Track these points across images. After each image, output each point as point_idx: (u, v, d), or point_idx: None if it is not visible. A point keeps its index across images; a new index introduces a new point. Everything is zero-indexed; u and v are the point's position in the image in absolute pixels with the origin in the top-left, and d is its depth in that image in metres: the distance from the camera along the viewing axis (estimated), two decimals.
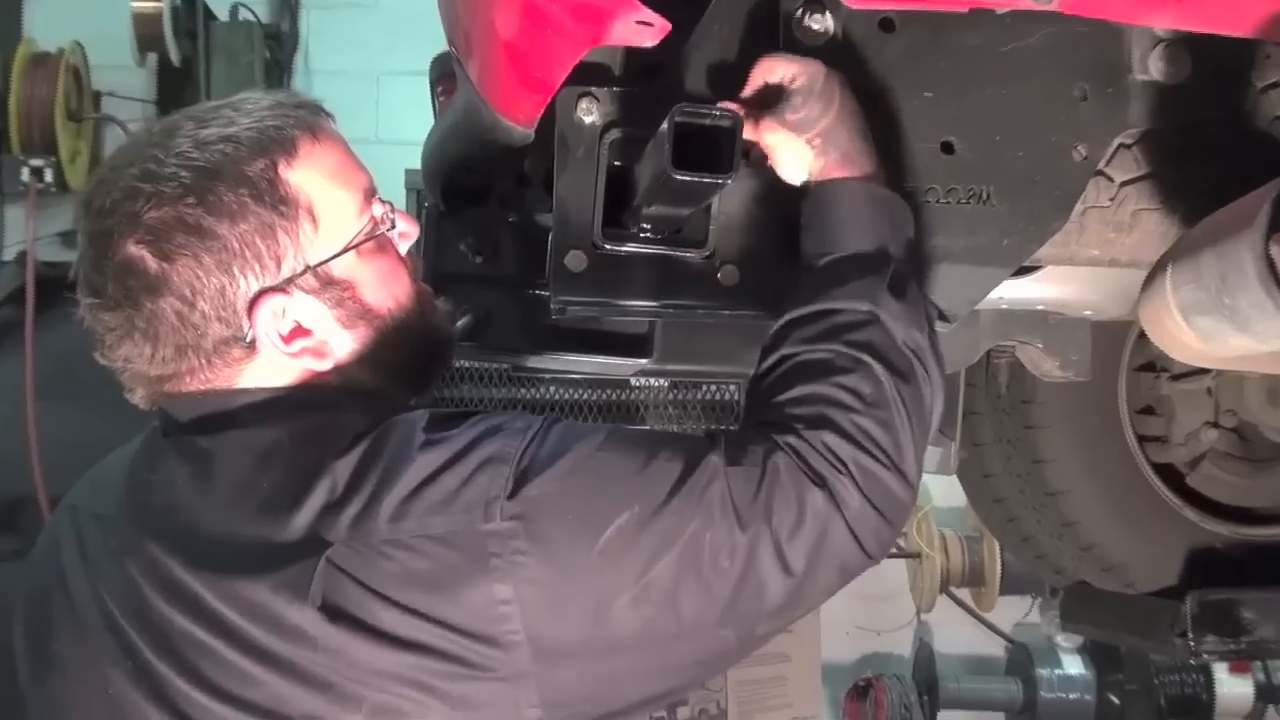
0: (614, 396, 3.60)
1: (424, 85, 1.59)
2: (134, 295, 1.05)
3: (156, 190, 1.04)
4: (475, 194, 1.45)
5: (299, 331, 1.08)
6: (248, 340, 1.06)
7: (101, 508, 1.13)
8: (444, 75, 1.56)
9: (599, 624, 0.97)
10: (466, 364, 3.52)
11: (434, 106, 1.62)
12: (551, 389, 3.60)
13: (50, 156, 4.39)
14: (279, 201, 1.06)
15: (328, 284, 1.08)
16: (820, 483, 0.99)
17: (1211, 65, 1.22)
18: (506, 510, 0.96)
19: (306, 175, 1.08)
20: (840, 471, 1.00)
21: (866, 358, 1.04)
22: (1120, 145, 1.26)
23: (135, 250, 1.04)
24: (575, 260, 1.16)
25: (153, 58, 4.66)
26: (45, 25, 4.55)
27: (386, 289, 1.12)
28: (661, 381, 3.66)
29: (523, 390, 3.58)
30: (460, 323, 1.45)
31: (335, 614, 0.96)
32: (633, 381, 3.67)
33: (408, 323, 1.14)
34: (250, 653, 0.98)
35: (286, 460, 1.03)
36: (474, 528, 0.96)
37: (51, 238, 4.69)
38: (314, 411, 1.07)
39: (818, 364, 1.04)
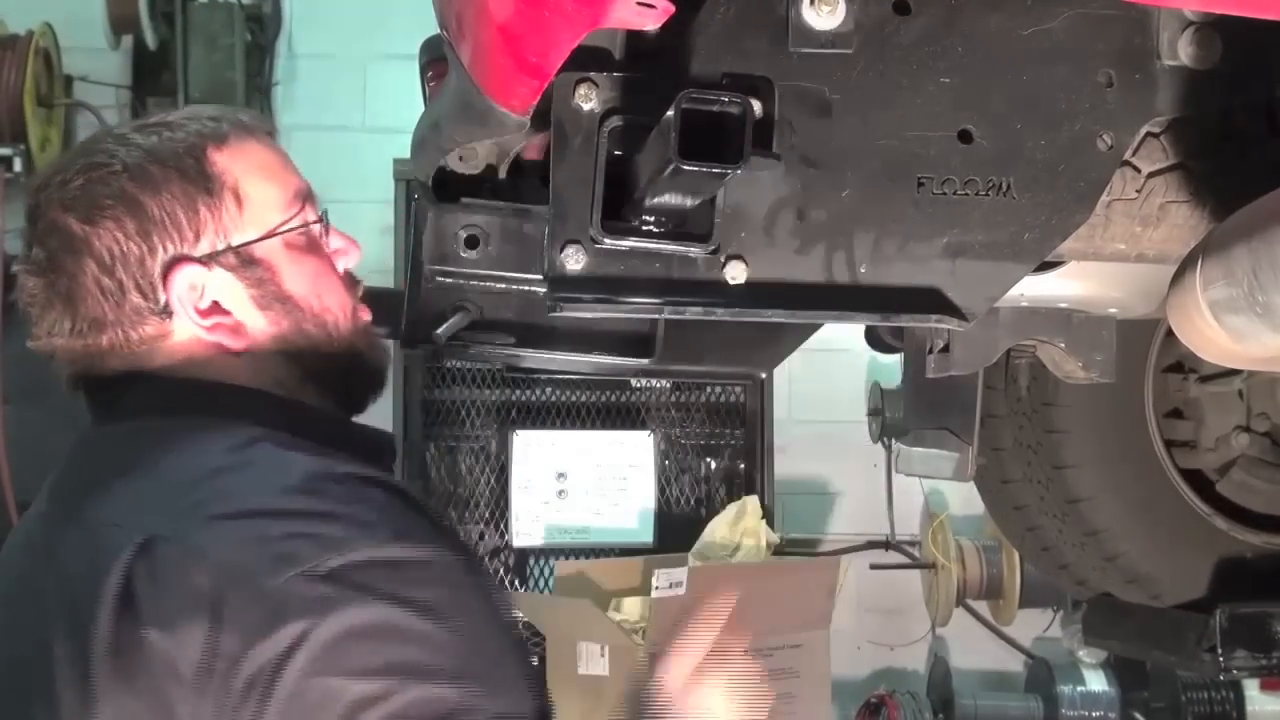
0: (614, 398, 3.61)
1: (414, 70, 1.58)
2: (56, 258, 1.13)
3: (90, 164, 1.14)
4: (467, 184, 1.45)
5: (215, 309, 1.14)
6: (161, 308, 1.12)
7: (40, 504, 1.18)
8: (435, 60, 1.55)
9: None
10: (458, 364, 3.53)
11: (424, 93, 1.62)
12: (548, 390, 3.61)
13: (19, 144, 4.38)
14: (204, 179, 1.14)
15: (248, 263, 1.15)
16: None
17: (1243, 50, 1.21)
18: (346, 565, 1.00)
19: (235, 162, 1.17)
20: None
21: None
22: (1147, 134, 1.26)
23: (61, 216, 1.13)
24: (572, 255, 1.16)
25: (127, 40, 4.66)
26: (14, 6, 4.55)
27: (310, 286, 1.19)
28: (663, 382, 3.66)
29: (518, 391, 3.59)
30: (451, 320, 1.45)
31: None
32: (633, 382, 3.67)
33: (334, 329, 1.20)
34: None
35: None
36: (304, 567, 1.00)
37: (21, 230, 4.69)
38: (201, 413, 1.12)
39: None
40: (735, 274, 1.18)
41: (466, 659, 0.99)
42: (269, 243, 1.17)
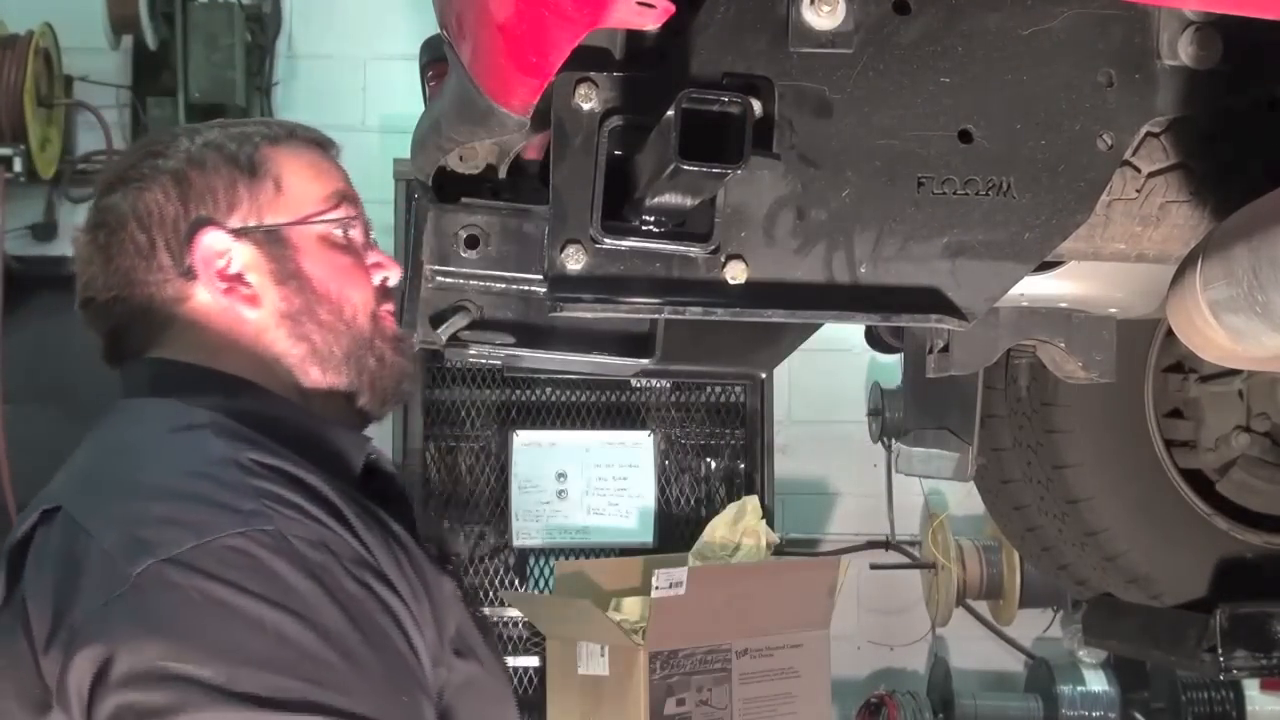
0: (614, 398, 3.61)
1: (414, 70, 1.58)
2: (102, 216, 1.22)
3: (151, 150, 1.24)
4: (467, 184, 1.45)
5: (235, 278, 1.19)
6: (185, 269, 1.18)
7: None
8: (435, 59, 1.56)
9: None
10: (458, 364, 3.53)
11: (424, 92, 1.62)
12: (548, 390, 3.61)
13: (19, 144, 4.39)
14: (250, 165, 1.22)
15: (275, 241, 1.21)
16: None
17: (1243, 50, 1.21)
18: (149, 569, 1.00)
19: (284, 157, 1.25)
20: None
21: None
22: (1148, 134, 1.26)
23: (117, 183, 1.22)
24: (572, 255, 1.16)
25: (128, 40, 4.66)
26: (14, 6, 4.55)
27: (331, 275, 1.23)
28: (663, 382, 3.66)
29: (518, 391, 3.59)
30: (450, 320, 1.45)
31: None
32: (633, 382, 3.67)
33: (350, 319, 1.23)
34: None
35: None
36: (118, 569, 1.01)
37: (21, 230, 4.69)
38: (173, 394, 1.16)
39: None
40: (735, 274, 1.18)
41: (316, 654, 0.98)
42: (300, 230, 1.22)
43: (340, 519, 1.07)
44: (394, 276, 1.30)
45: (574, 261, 1.16)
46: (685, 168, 1.01)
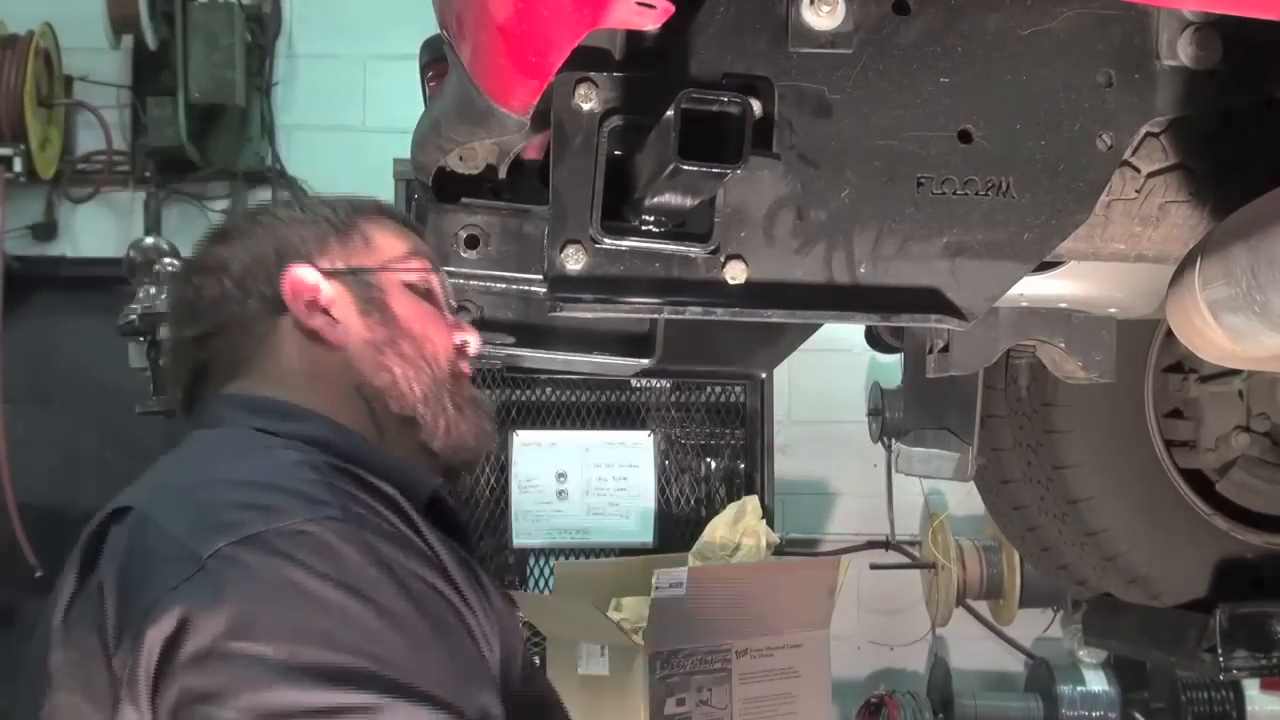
0: (614, 398, 3.61)
1: (414, 70, 1.59)
2: (200, 262, 1.29)
3: (254, 213, 1.34)
4: (467, 184, 1.45)
5: (320, 308, 1.24)
6: (274, 302, 1.24)
7: None
8: (435, 60, 1.56)
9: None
10: None
11: (424, 93, 1.62)
12: (548, 390, 3.61)
13: (19, 144, 4.39)
14: (341, 223, 1.30)
15: (361, 282, 1.27)
16: None
17: (1243, 50, 1.21)
18: (222, 551, 1.00)
19: (372, 222, 1.32)
20: None
21: None
22: (1147, 134, 1.26)
23: (217, 240, 1.31)
24: (572, 255, 1.16)
25: (128, 40, 4.66)
26: (14, 6, 4.55)
27: (415, 316, 1.27)
28: (663, 382, 3.66)
29: (518, 391, 3.59)
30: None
31: None
32: (633, 382, 3.67)
33: (431, 358, 1.27)
34: None
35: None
36: (189, 548, 1.02)
37: (21, 230, 4.69)
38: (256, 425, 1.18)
39: None
40: (735, 274, 1.18)
41: (380, 634, 0.97)
42: (384, 275, 1.28)
43: (412, 525, 1.08)
44: (474, 344, 1.33)
45: (574, 261, 1.16)
46: (685, 168, 1.01)
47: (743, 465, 3.60)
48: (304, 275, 1.25)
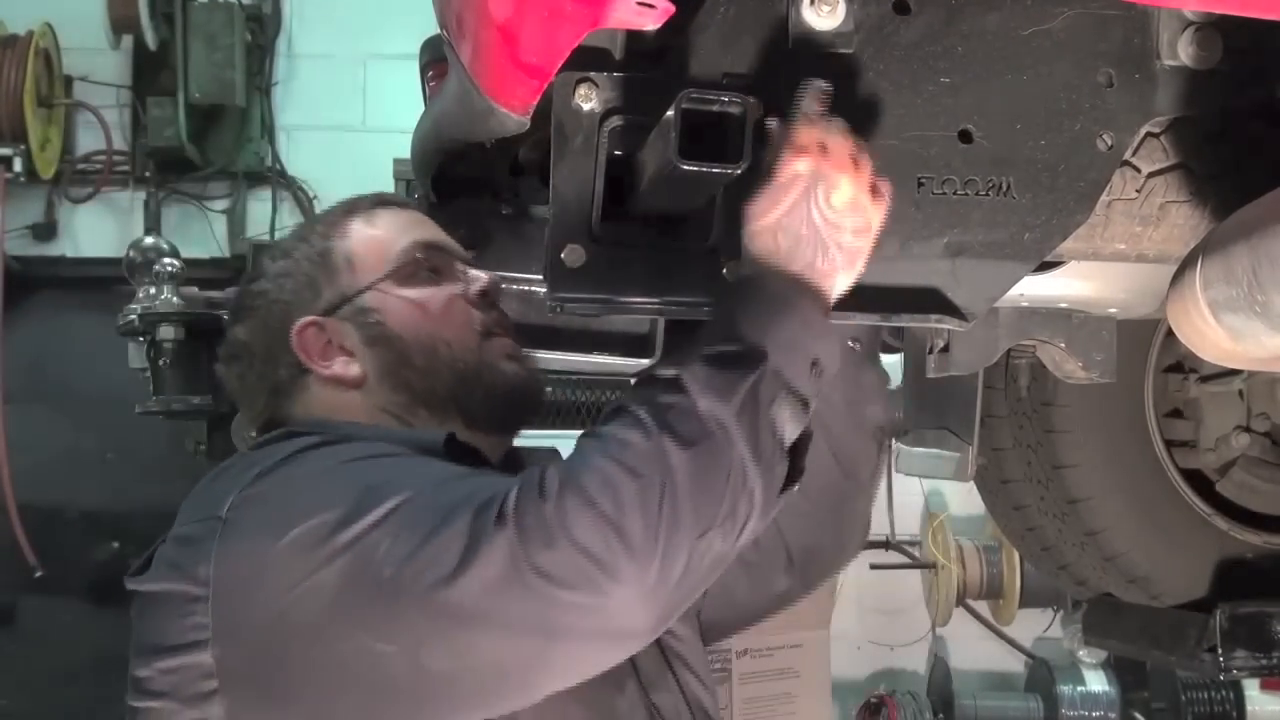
0: (614, 398, 3.60)
1: (414, 70, 1.59)
2: (231, 349, 1.39)
3: (250, 282, 1.40)
4: (467, 185, 1.45)
5: (333, 350, 1.31)
6: (295, 366, 1.31)
7: None
8: (435, 59, 1.56)
9: (273, 612, 1.07)
10: None
11: (424, 92, 1.62)
12: (548, 390, 3.61)
13: (19, 144, 4.39)
14: (322, 258, 1.35)
15: (360, 310, 1.32)
16: (501, 523, 1.01)
17: (1243, 50, 1.21)
18: (233, 501, 1.13)
19: (355, 230, 1.36)
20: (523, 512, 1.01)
21: (643, 413, 1.04)
22: (1147, 134, 1.26)
23: (235, 319, 1.40)
24: (573, 254, 1.16)
25: (128, 40, 4.67)
26: (14, 6, 4.55)
27: (421, 323, 1.32)
28: None
29: None
30: None
31: None
32: (633, 383, 3.67)
33: (446, 358, 1.31)
34: None
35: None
36: (211, 513, 1.14)
37: (21, 230, 4.69)
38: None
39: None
40: (734, 273, 1.18)
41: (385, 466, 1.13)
42: (377, 292, 1.33)
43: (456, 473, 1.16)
44: (475, 285, 1.35)
45: (574, 261, 1.16)
46: (685, 168, 1.01)
47: None
48: (306, 332, 1.31)
